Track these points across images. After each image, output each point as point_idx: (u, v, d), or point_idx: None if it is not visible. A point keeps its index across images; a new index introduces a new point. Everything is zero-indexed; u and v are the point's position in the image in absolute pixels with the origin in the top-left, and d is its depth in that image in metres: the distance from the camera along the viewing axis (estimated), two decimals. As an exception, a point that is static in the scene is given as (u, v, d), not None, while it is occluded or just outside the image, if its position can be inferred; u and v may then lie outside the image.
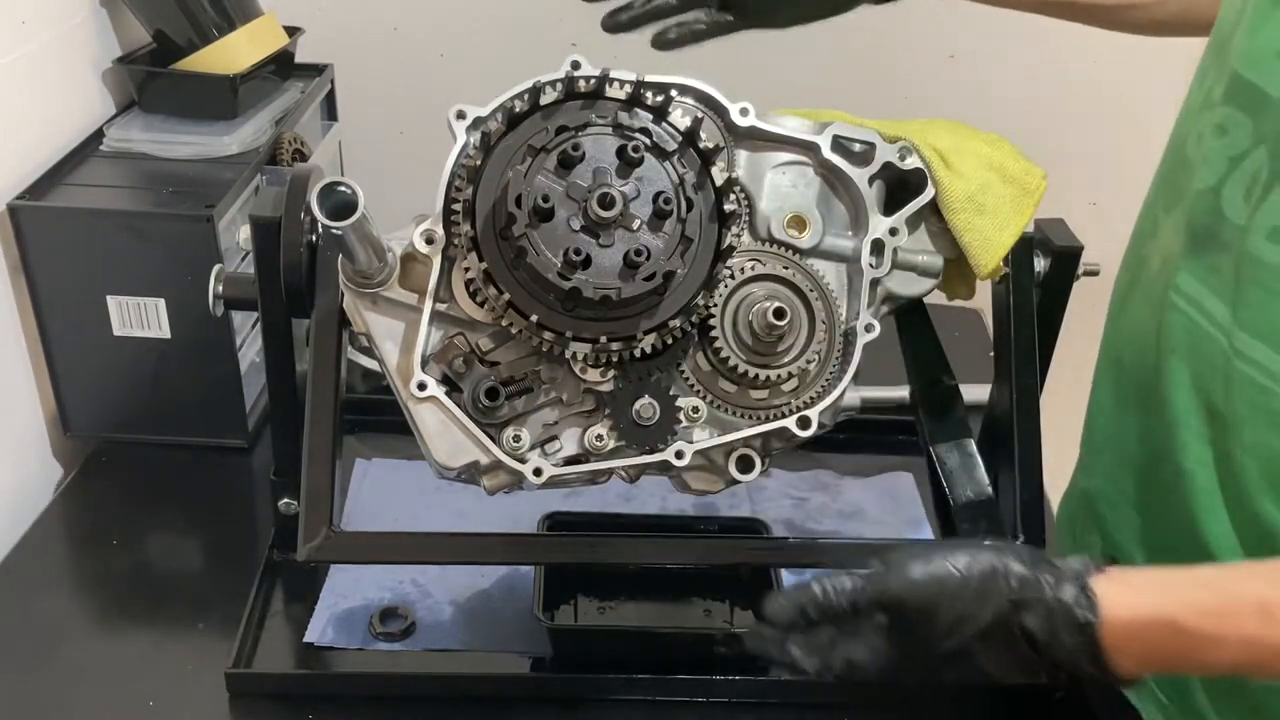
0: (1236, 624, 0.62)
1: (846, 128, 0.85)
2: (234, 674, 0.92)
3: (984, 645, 0.65)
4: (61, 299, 1.15)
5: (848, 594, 0.68)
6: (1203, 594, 0.64)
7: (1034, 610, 0.64)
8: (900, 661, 0.68)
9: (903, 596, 0.66)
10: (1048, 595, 0.64)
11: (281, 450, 0.96)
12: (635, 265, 0.76)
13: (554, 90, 0.77)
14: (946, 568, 0.66)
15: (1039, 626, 0.64)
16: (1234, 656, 0.62)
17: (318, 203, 0.70)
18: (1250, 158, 0.72)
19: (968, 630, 0.65)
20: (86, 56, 1.30)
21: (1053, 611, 0.63)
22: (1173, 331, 0.77)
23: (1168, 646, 0.63)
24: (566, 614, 0.99)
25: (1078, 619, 0.63)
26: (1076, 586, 0.64)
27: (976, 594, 0.65)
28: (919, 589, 0.66)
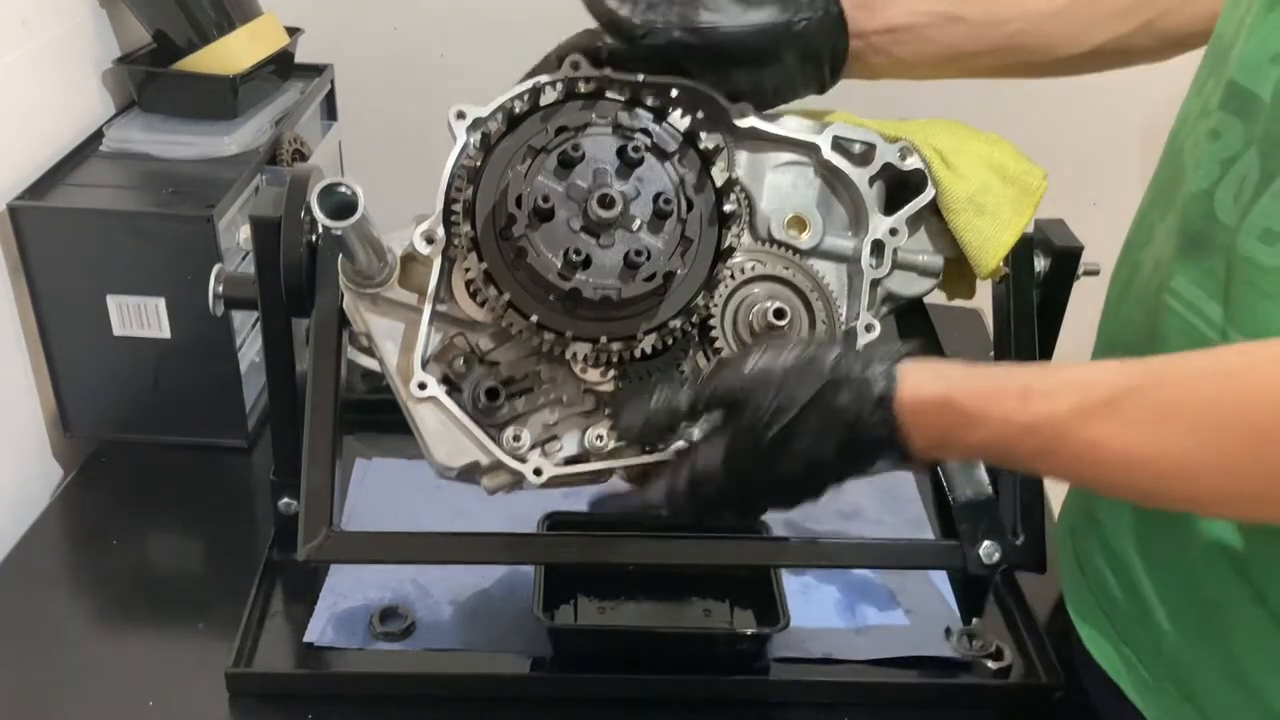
0: (999, 404, 0.65)
1: (846, 128, 0.85)
2: (234, 674, 0.92)
3: (805, 428, 0.70)
4: (61, 299, 1.15)
5: (686, 395, 0.74)
6: (981, 378, 0.68)
7: (845, 387, 0.69)
8: (736, 453, 0.72)
9: (732, 385, 0.71)
10: (856, 373, 0.69)
11: (281, 450, 0.96)
12: (635, 265, 0.76)
13: (554, 91, 0.77)
14: (772, 359, 0.71)
15: (848, 401, 0.68)
16: (990, 434, 0.66)
17: (318, 203, 0.70)
18: (1241, 160, 0.72)
19: (790, 411, 0.70)
20: (86, 56, 1.30)
21: (860, 387, 0.68)
22: (1168, 334, 0.77)
23: (942, 422, 0.68)
24: (566, 614, 0.99)
25: (877, 392, 0.68)
26: (883, 366, 0.69)
27: (797, 377, 0.70)
28: (746, 378, 0.71)
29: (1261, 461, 0.59)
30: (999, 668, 0.96)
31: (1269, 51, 0.71)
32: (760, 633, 0.97)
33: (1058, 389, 0.65)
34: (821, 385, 0.69)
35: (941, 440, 0.69)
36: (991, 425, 0.66)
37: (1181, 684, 0.80)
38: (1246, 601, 0.74)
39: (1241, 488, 0.61)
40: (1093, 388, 0.64)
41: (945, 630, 0.99)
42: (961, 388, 0.67)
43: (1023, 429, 0.65)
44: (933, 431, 0.68)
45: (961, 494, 0.93)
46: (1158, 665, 0.82)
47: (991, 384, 0.67)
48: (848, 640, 0.99)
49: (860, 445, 0.70)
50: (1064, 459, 0.65)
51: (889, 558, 0.97)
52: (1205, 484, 0.62)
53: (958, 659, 0.97)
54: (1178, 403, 0.62)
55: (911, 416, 0.68)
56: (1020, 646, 0.99)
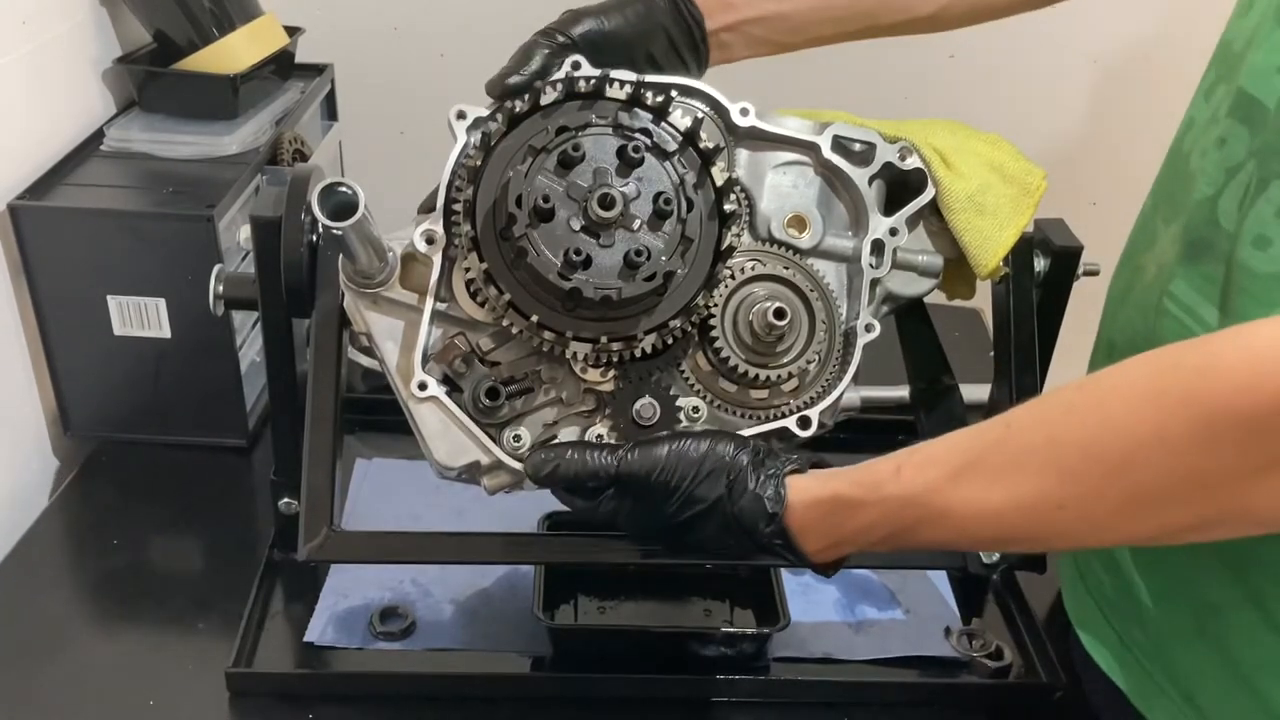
0: (877, 485, 0.69)
1: (846, 128, 0.85)
2: (234, 674, 0.92)
3: (706, 524, 0.74)
4: (61, 299, 1.15)
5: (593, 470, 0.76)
6: (860, 469, 0.71)
7: (743, 498, 0.72)
8: (640, 526, 0.77)
9: (641, 474, 0.75)
10: (751, 487, 0.72)
11: (281, 450, 0.96)
12: (635, 265, 0.76)
13: (554, 90, 0.77)
14: (686, 453, 0.74)
15: (744, 512, 0.72)
16: (874, 515, 0.69)
17: (318, 203, 0.70)
18: (1245, 169, 0.72)
19: (694, 508, 0.74)
20: (86, 56, 1.30)
21: (753, 503, 0.72)
22: (1166, 339, 0.77)
23: (831, 518, 0.71)
24: (566, 614, 0.99)
25: (768, 510, 0.71)
26: (774, 484, 0.72)
27: (705, 479, 0.73)
28: (656, 470, 0.74)
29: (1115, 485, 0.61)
30: (999, 668, 0.96)
31: (1277, 62, 0.72)
32: (760, 632, 0.97)
33: (927, 460, 0.68)
34: (720, 495, 0.73)
35: (833, 535, 0.72)
36: (872, 506, 0.69)
37: (1181, 686, 0.80)
38: (1244, 604, 0.74)
39: (1111, 511, 0.62)
40: (957, 452, 0.67)
41: (945, 630, 0.99)
42: (843, 479, 0.71)
43: (901, 502, 0.68)
44: (822, 529, 0.72)
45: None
46: (1158, 668, 0.82)
47: (869, 470, 0.70)
48: (847, 640, 0.99)
49: (759, 550, 0.73)
50: (946, 524, 0.67)
51: (889, 558, 0.97)
52: (1075, 515, 0.63)
53: (958, 659, 0.97)
54: (1028, 446, 0.64)
55: (801, 523, 0.72)
56: (1020, 646, 0.99)
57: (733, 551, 0.75)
